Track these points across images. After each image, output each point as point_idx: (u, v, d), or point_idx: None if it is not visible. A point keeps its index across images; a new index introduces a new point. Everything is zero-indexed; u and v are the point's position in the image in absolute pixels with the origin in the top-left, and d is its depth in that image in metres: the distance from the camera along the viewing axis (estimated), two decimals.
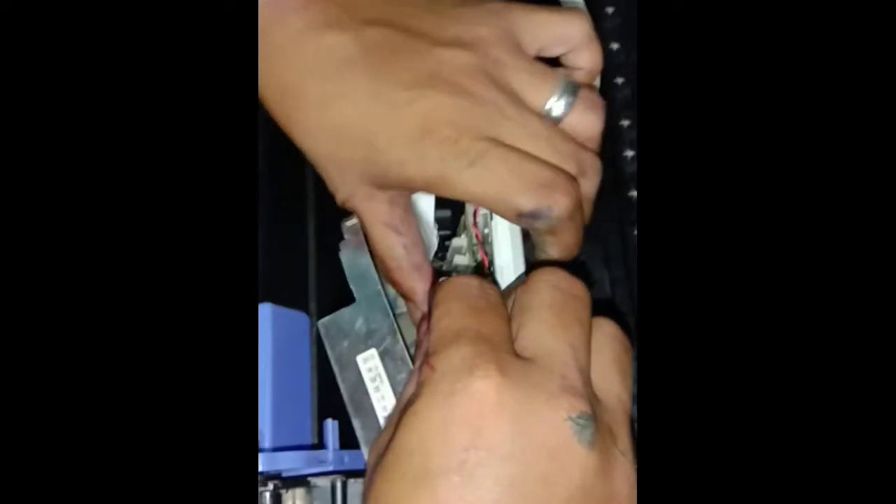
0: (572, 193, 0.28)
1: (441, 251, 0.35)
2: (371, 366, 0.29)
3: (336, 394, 0.30)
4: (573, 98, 0.29)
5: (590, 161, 0.29)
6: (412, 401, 0.23)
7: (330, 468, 0.30)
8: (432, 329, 0.25)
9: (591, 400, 0.23)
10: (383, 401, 0.29)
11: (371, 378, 0.29)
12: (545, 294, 0.25)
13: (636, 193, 0.36)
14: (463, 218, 0.34)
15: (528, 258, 0.31)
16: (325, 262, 0.33)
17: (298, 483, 0.30)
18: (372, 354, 0.29)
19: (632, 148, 0.37)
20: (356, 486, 0.30)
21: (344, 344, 0.30)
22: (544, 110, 0.29)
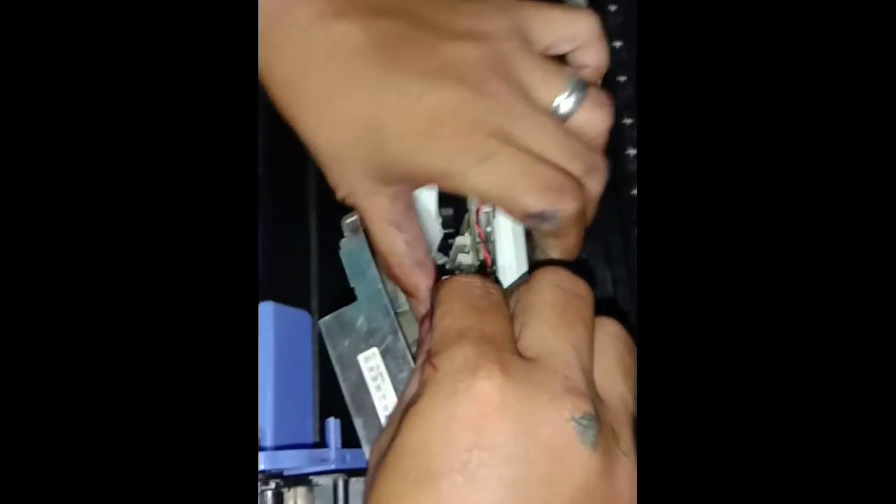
0: (579, 197, 0.28)
1: (443, 248, 0.35)
2: (372, 364, 0.29)
3: (338, 392, 0.30)
4: (582, 95, 0.29)
5: (597, 160, 0.29)
6: (415, 401, 0.23)
7: (332, 467, 0.29)
8: (434, 328, 0.25)
9: (594, 400, 0.23)
10: (385, 400, 0.29)
11: (372, 377, 0.29)
12: (548, 293, 0.25)
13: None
14: (466, 216, 0.33)
15: (531, 257, 0.31)
16: (327, 261, 0.33)
17: (300, 482, 0.30)
18: (373, 353, 0.29)
19: (634, 146, 0.36)
20: (358, 485, 0.30)
21: (345, 343, 0.29)
22: (552, 107, 0.29)
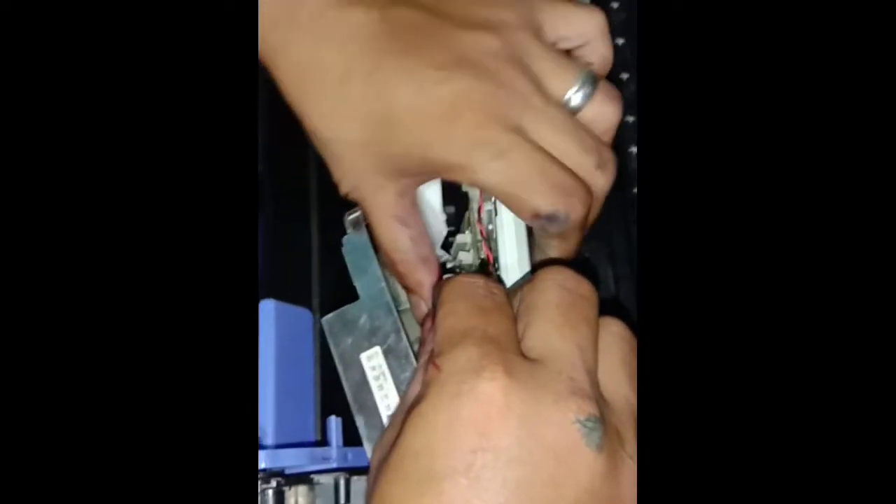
0: (587, 202, 0.28)
1: (444, 247, 0.35)
2: (375, 364, 0.29)
3: (339, 391, 0.30)
4: (593, 89, 0.29)
5: (608, 155, 0.29)
6: (418, 401, 0.23)
7: (333, 465, 0.29)
8: (437, 328, 0.24)
9: (599, 402, 0.23)
10: (387, 399, 0.29)
11: (374, 376, 0.29)
12: (552, 293, 0.25)
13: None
14: (467, 214, 0.33)
15: (532, 257, 0.31)
16: (329, 259, 0.33)
17: (301, 480, 0.30)
18: (376, 352, 0.29)
19: (637, 144, 0.36)
20: (359, 484, 0.30)
21: (348, 341, 0.29)
22: (564, 99, 0.29)
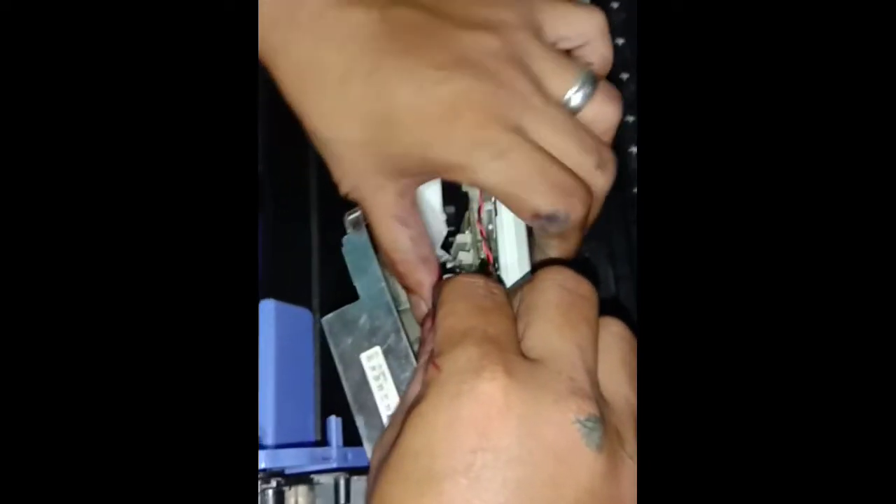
0: (587, 202, 0.28)
1: (444, 247, 0.35)
2: (375, 364, 0.29)
3: (339, 391, 0.30)
4: (593, 89, 0.29)
5: (608, 155, 0.29)
6: (418, 401, 0.23)
7: (333, 465, 0.29)
8: (437, 328, 0.24)
9: (599, 402, 0.23)
10: (387, 399, 0.29)
11: (375, 376, 0.29)
12: (552, 293, 0.25)
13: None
14: (467, 214, 0.33)
15: (532, 256, 0.31)
16: (328, 259, 0.33)
17: (301, 480, 0.30)
18: (376, 352, 0.29)
19: (637, 144, 0.36)
20: (359, 484, 0.30)
21: (348, 341, 0.29)
22: (564, 99, 0.29)
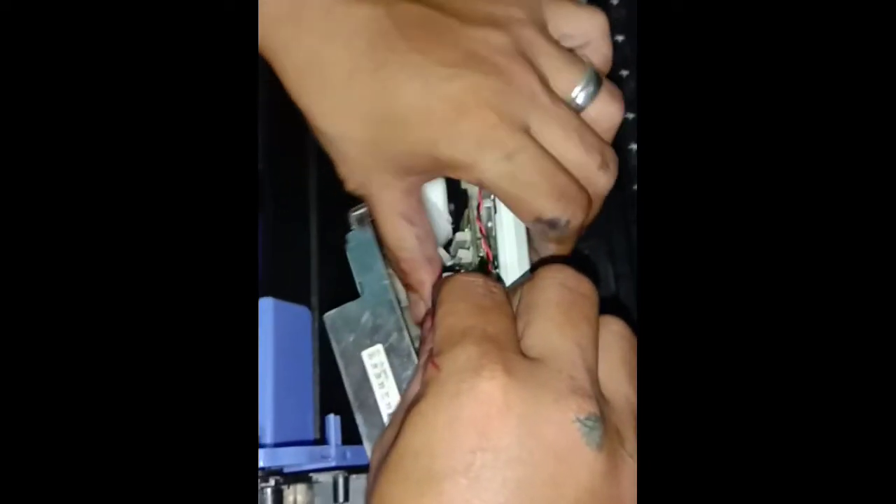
0: (588, 209, 0.28)
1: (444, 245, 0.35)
2: (376, 361, 0.29)
3: (338, 389, 0.30)
4: (597, 88, 0.29)
5: (611, 154, 0.29)
6: (417, 401, 0.23)
7: (332, 464, 0.29)
8: (437, 327, 0.24)
9: (599, 401, 0.23)
10: (388, 397, 0.29)
11: (376, 374, 0.29)
12: (552, 292, 0.25)
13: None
14: (467, 212, 0.33)
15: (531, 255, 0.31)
16: (327, 257, 0.33)
17: (300, 479, 0.29)
18: (377, 350, 0.29)
19: (637, 141, 0.36)
20: (358, 482, 0.30)
21: (349, 338, 0.29)
22: (569, 97, 0.29)
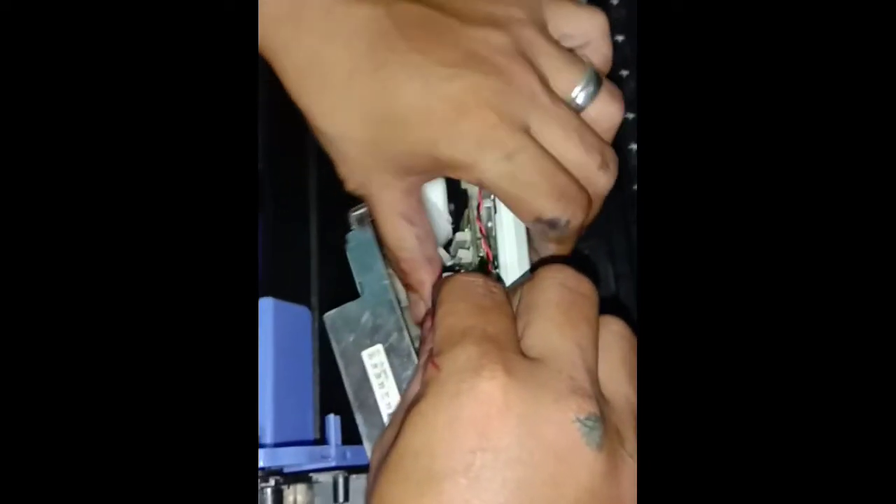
0: (588, 209, 0.28)
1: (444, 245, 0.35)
2: (376, 361, 0.29)
3: (338, 389, 0.30)
4: (597, 88, 0.29)
5: (611, 155, 0.29)
6: (417, 401, 0.23)
7: (332, 464, 0.29)
8: (437, 327, 0.24)
9: (599, 401, 0.23)
10: (388, 397, 0.29)
11: (376, 374, 0.29)
12: (552, 292, 0.25)
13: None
14: (466, 212, 0.33)
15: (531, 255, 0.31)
16: (327, 257, 0.33)
17: (300, 479, 0.29)
18: (377, 350, 0.29)
19: (637, 141, 0.36)
20: (358, 482, 0.30)
21: (349, 338, 0.29)
22: (570, 97, 0.29)
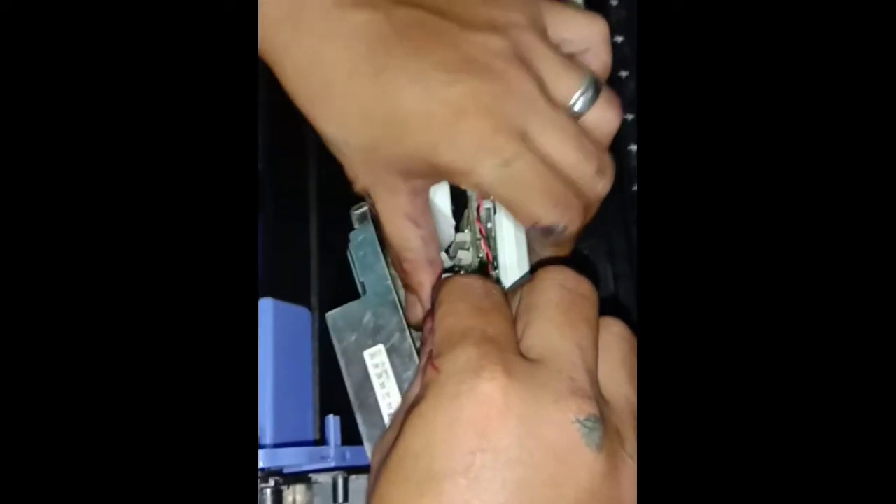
0: (584, 215, 0.28)
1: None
2: (378, 361, 0.29)
3: (338, 389, 0.30)
4: (596, 94, 0.29)
5: (608, 160, 0.29)
6: (417, 402, 0.23)
7: (331, 464, 0.29)
8: (436, 329, 0.24)
9: (599, 401, 0.23)
10: (388, 398, 0.29)
11: (377, 374, 0.29)
12: (552, 293, 0.25)
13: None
14: (466, 212, 0.33)
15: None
16: (327, 257, 0.33)
17: (299, 479, 0.30)
18: (379, 350, 0.29)
19: (636, 142, 0.36)
20: (358, 483, 0.30)
21: (351, 338, 0.29)
22: (569, 103, 0.29)
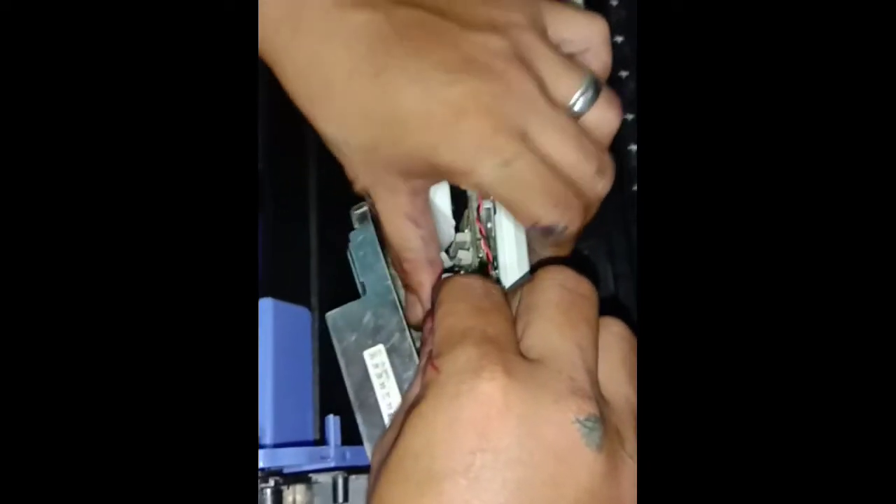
0: (584, 215, 0.28)
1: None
2: (378, 361, 0.29)
3: (338, 390, 0.30)
4: (596, 94, 0.29)
5: (607, 160, 0.29)
6: (417, 402, 0.23)
7: (331, 464, 0.29)
8: (436, 329, 0.24)
9: (599, 401, 0.23)
10: (388, 398, 0.29)
11: (377, 374, 0.29)
12: (552, 293, 0.25)
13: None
14: (466, 212, 0.33)
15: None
16: (327, 257, 0.33)
17: (299, 479, 0.30)
18: (379, 350, 0.29)
19: (636, 142, 0.36)
20: (357, 483, 0.30)
21: (351, 338, 0.29)
22: (569, 103, 0.29)
